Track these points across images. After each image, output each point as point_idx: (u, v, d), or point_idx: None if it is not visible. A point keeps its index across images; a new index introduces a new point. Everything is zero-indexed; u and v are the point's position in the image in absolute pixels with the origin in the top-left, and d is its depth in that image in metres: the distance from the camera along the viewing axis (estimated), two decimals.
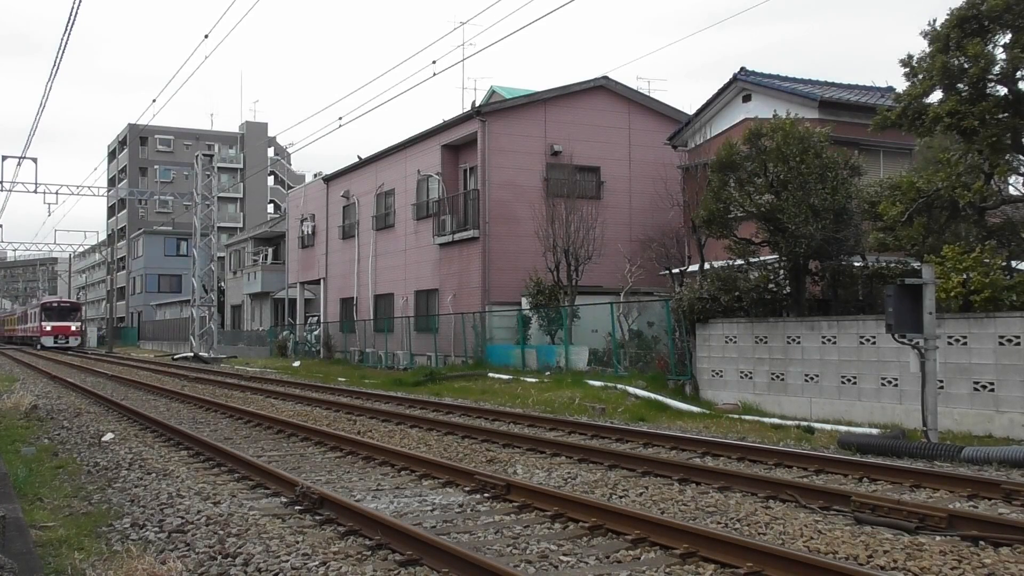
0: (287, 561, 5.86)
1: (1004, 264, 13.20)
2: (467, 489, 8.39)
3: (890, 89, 21.44)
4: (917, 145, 16.50)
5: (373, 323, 33.63)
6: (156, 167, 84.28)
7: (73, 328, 62.90)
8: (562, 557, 6.03)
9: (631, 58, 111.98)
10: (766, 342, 15.48)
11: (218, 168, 57.27)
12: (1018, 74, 13.03)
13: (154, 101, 72.22)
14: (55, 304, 64.33)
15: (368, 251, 35.23)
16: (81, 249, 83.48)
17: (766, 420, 13.81)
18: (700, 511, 7.43)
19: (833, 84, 23.46)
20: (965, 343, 12.17)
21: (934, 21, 13.50)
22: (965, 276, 12.46)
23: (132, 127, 78.14)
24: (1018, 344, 11.61)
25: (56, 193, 44.52)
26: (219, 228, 49.59)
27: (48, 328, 61.49)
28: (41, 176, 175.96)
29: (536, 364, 23.36)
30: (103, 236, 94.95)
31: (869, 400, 13.52)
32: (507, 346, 25.27)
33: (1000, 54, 13.00)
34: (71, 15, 38.04)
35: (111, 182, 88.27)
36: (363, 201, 36.08)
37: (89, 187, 46.15)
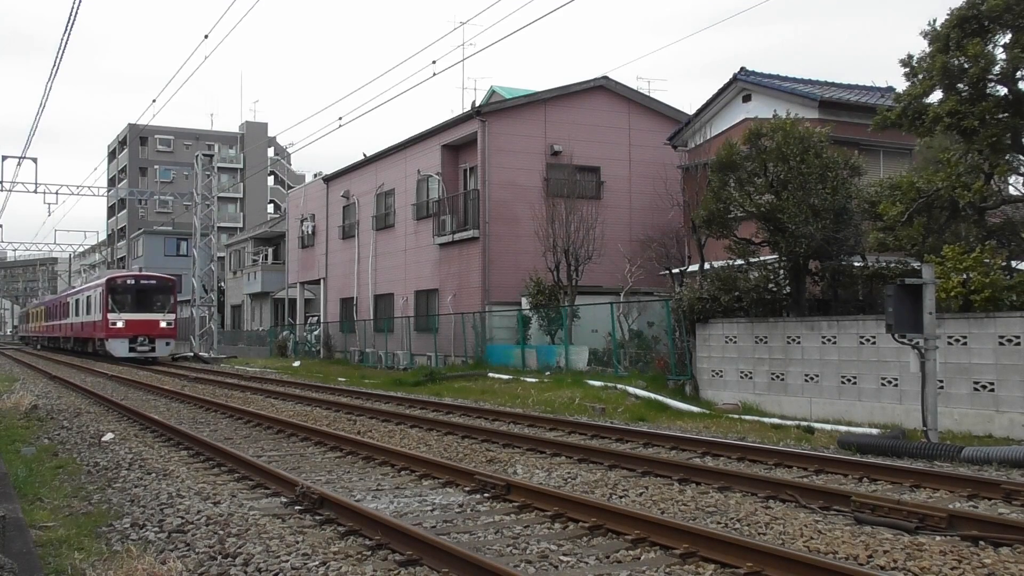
0: (287, 561, 5.86)
1: (1004, 264, 13.21)
2: (467, 489, 8.39)
3: (890, 89, 21.44)
4: (917, 145, 16.50)
5: (373, 323, 33.63)
6: (156, 167, 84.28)
7: (164, 324, 37.50)
8: (562, 557, 6.03)
9: (631, 58, 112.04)
10: (766, 342, 15.48)
11: (218, 168, 57.13)
12: (1018, 74, 13.04)
13: (154, 101, 72.35)
14: (131, 282, 38.47)
15: (368, 251, 35.24)
16: (81, 249, 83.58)
17: (766, 420, 13.81)
18: (700, 511, 7.43)
19: (833, 84, 23.47)
20: (965, 343, 12.17)
21: (934, 21, 13.53)
22: (965, 276, 12.46)
23: (132, 127, 78.15)
24: (1018, 344, 11.61)
25: (56, 193, 44.57)
26: (219, 228, 49.60)
27: (119, 324, 36.27)
28: (41, 176, 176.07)
29: (536, 364, 23.36)
30: (103, 236, 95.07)
31: (869, 400, 13.52)
32: (507, 346, 25.27)
33: (1000, 54, 13.01)
34: (71, 15, 38.05)
35: (111, 182, 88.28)
36: (363, 201, 36.08)
37: (89, 187, 46.20)
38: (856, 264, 16.25)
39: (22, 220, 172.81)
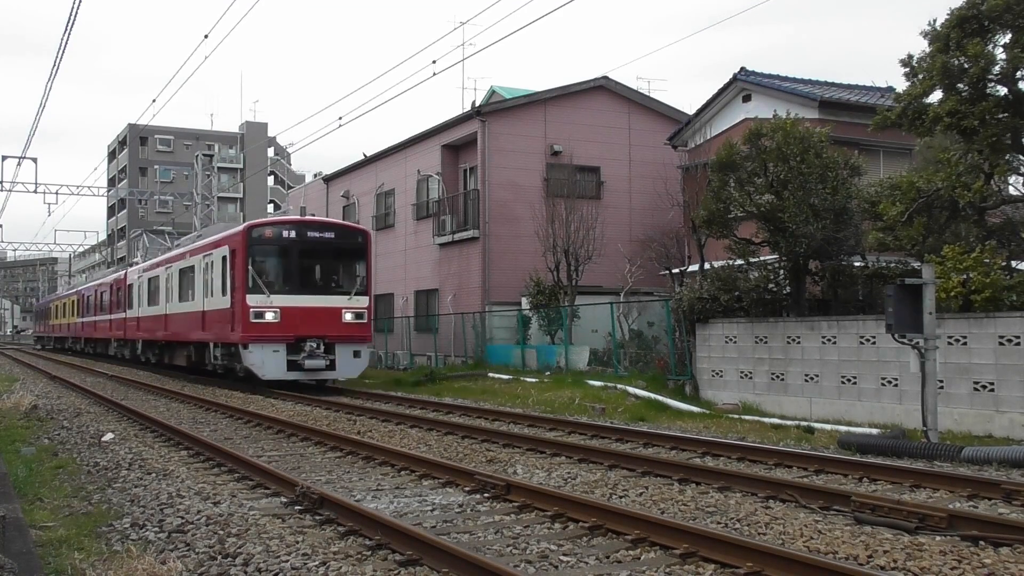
0: (287, 561, 5.86)
1: (1004, 264, 13.21)
2: (467, 489, 8.39)
3: (890, 89, 21.44)
4: (917, 145, 16.50)
5: (373, 323, 33.59)
6: (156, 167, 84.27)
7: (350, 317, 20.27)
8: (562, 557, 6.02)
9: (631, 58, 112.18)
10: (766, 342, 15.48)
11: (218, 168, 57.01)
12: (1018, 74, 13.04)
13: (154, 101, 72.24)
14: (290, 234, 20.08)
15: None
16: (81, 249, 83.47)
17: (766, 420, 13.81)
18: (700, 511, 7.43)
19: (833, 84, 23.46)
20: (965, 343, 12.17)
21: (934, 21, 13.52)
22: (965, 276, 12.46)
23: (132, 127, 78.14)
24: (1018, 344, 11.61)
25: (56, 193, 44.49)
26: None
27: (268, 316, 19.26)
28: (41, 176, 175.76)
29: (536, 364, 23.36)
30: (103, 236, 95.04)
31: (869, 400, 13.52)
32: (507, 346, 25.26)
33: (1000, 54, 13.01)
34: (71, 15, 38.05)
35: (111, 182, 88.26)
36: (363, 201, 36.07)
37: (89, 187, 46.14)
38: (856, 264, 16.25)
39: (22, 220, 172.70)
